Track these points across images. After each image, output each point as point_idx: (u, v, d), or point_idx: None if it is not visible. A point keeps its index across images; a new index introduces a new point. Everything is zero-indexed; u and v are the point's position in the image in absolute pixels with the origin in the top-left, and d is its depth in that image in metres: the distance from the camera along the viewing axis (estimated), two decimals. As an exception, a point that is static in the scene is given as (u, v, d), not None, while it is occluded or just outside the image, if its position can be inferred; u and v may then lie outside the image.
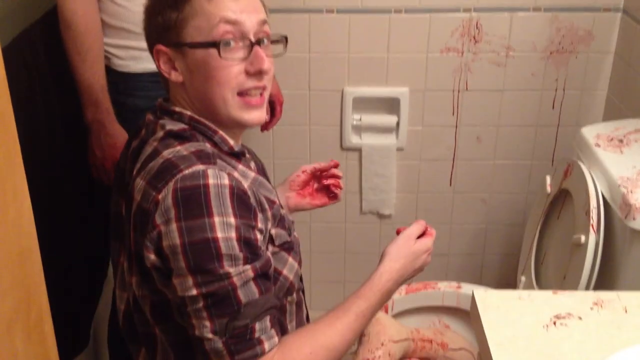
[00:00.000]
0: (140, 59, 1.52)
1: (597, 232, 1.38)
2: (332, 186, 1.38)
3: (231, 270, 0.94)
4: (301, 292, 1.19)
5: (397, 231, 1.19)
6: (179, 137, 1.03)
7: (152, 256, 0.98)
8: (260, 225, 1.00)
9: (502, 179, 2.08)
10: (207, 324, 0.95)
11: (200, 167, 0.97)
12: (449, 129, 2.02)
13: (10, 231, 0.69)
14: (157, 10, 1.05)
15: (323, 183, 1.39)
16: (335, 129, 2.02)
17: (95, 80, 1.50)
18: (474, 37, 1.91)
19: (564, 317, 0.98)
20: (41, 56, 1.51)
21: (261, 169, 1.21)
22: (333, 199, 1.40)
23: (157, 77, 1.53)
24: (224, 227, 0.94)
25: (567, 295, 1.02)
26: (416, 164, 2.07)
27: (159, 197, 0.96)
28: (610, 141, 1.51)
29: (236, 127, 1.08)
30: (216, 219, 0.94)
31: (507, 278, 2.17)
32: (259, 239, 0.99)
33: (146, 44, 1.10)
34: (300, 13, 1.89)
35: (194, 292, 0.95)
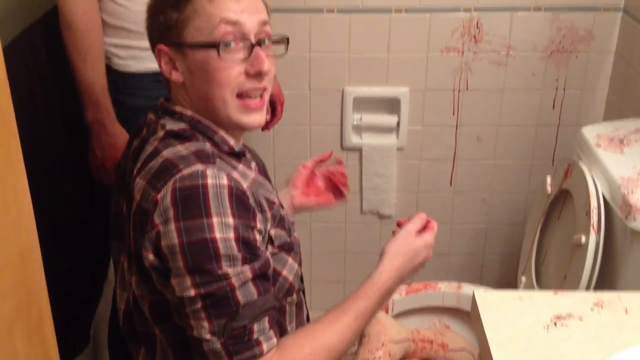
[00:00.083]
0: (140, 58, 1.52)
1: (598, 233, 1.38)
2: (339, 183, 1.37)
3: (229, 270, 0.94)
4: (301, 293, 1.18)
5: (398, 224, 1.17)
6: (179, 136, 1.03)
7: (151, 256, 0.98)
8: (259, 226, 1.00)
9: (503, 179, 2.08)
10: (205, 324, 0.95)
11: (199, 167, 0.97)
12: (449, 128, 2.02)
13: (11, 231, 0.69)
14: (159, 10, 1.05)
15: (330, 178, 1.38)
16: (335, 129, 2.02)
17: (95, 80, 1.50)
18: (474, 37, 1.91)
19: (565, 318, 0.98)
20: (42, 56, 1.51)
21: (262, 169, 1.21)
22: (340, 198, 1.39)
23: (157, 77, 1.53)
24: (222, 228, 0.94)
25: (568, 296, 1.02)
26: (416, 163, 2.07)
27: (158, 196, 0.96)
28: (610, 141, 1.51)
29: (236, 128, 1.08)
30: (214, 219, 0.94)
31: (507, 278, 2.17)
32: (257, 239, 0.99)
33: (149, 43, 1.10)
34: (300, 13, 1.89)
35: (192, 292, 0.95)
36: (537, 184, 1.96)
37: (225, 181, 0.96)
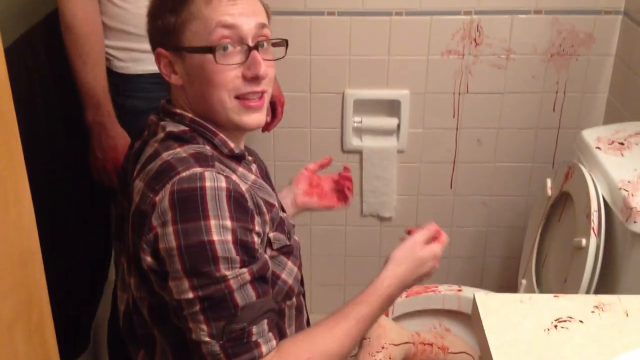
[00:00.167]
0: (140, 60, 1.53)
1: (598, 235, 1.38)
2: (346, 188, 1.38)
3: (227, 273, 0.94)
4: (302, 297, 1.18)
5: (408, 232, 1.17)
6: (179, 139, 1.03)
7: (149, 258, 0.98)
8: (257, 229, 0.99)
9: (503, 182, 2.08)
10: (203, 327, 0.95)
11: (197, 169, 0.97)
12: (450, 131, 2.02)
13: (12, 232, 0.69)
14: (157, 14, 1.06)
15: (336, 181, 1.38)
16: (336, 131, 2.02)
17: (96, 82, 1.50)
18: (474, 40, 1.91)
19: (565, 321, 0.97)
20: (42, 58, 1.52)
21: (264, 171, 1.21)
22: (342, 202, 1.39)
23: (157, 79, 1.53)
24: (220, 230, 0.94)
25: (568, 299, 1.02)
26: (417, 166, 2.07)
27: (156, 199, 0.96)
28: (611, 144, 1.51)
29: (236, 130, 1.08)
30: (212, 222, 0.94)
31: (507, 281, 2.17)
32: (256, 242, 0.99)
33: (150, 46, 1.10)
34: (301, 15, 1.89)
35: (190, 295, 0.95)
36: (537, 186, 1.96)
37: (223, 184, 0.96)
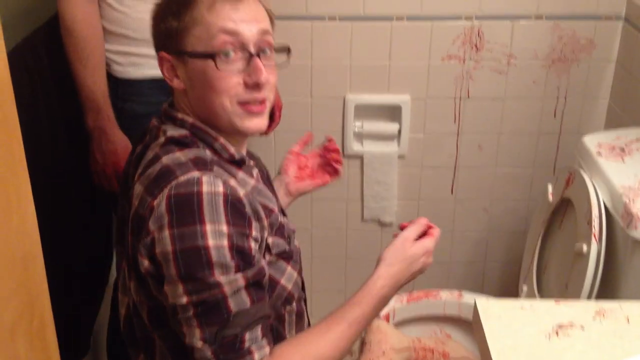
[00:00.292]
0: (139, 65, 1.53)
1: (599, 242, 1.38)
2: (333, 160, 1.37)
3: (222, 278, 0.94)
4: (302, 302, 1.17)
5: (401, 227, 1.15)
6: (180, 143, 1.04)
7: (146, 262, 0.98)
8: (255, 234, 0.99)
9: (504, 187, 2.08)
10: (197, 332, 0.95)
11: (195, 174, 0.97)
12: (451, 136, 2.02)
13: (14, 236, 0.69)
14: (161, 18, 1.06)
15: (325, 157, 1.38)
16: (337, 136, 2.02)
17: (96, 86, 1.50)
18: (475, 45, 1.91)
19: (566, 327, 0.97)
20: (44, 60, 1.52)
21: (265, 176, 1.21)
22: (334, 175, 1.38)
23: (156, 83, 1.53)
24: (215, 235, 0.94)
25: (569, 305, 1.02)
26: (417, 171, 2.07)
27: (154, 203, 0.96)
28: (612, 150, 1.51)
29: (237, 134, 1.08)
30: (208, 227, 0.94)
31: (508, 287, 2.17)
32: (253, 247, 0.98)
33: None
34: (302, 20, 1.89)
35: (184, 300, 0.95)
36: (538, 192, 1.96)
37: (220, 188, 0.96)
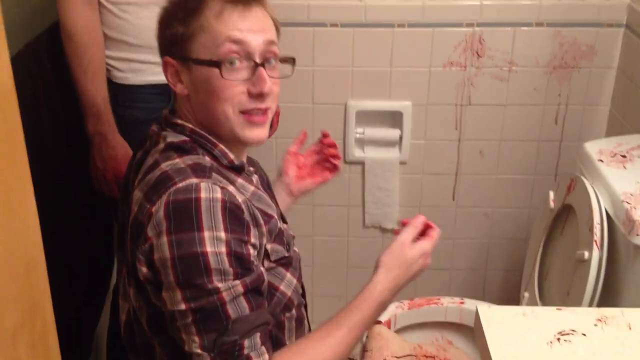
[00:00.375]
0: (140, 71, 1.53)
1: (601, 248, 1.38)
2: (331, 156, 1.37)
3: (220, 285, 0.94)
4: (303, 308, 1.17)
5: (403, 223, 1.15)
6: (179, 149, 1.04)
7: (145, 269, 0.98)
8: (253, 240, 0.99)
9: (505, 194, 2.08)
10: (196, 339, 0.95)
11: (193, 180, 0.97)
12: (452, 143, 2.02)
13: (17, 241, 0.69)
14: (167, 23, 1.06)
15: (323, 153, 1.38)
16: (338, 143, 2.01)
17: (97, 92, 1.50)
18: (476, 52, 1.91)
19: (568, 334, 0.97)
20: (46, 65, 1.52)
21: (265, 182, 1.21)
22: (333, 171, 1.38)
23: (157, 90, 1.53)
24: (213, 242, 0.94)
25: (571, 312, 1.02)
26: (419, 177, 2.07)
27: (152, 209, 0.96)
28: (613, 157, 1.51)
29: (238, 143, 1.08)
30: (206, 233, 0.94)
31: (509, 293, 2.16)
32: (251, 254, 0.98)
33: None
34: (304, 27, 1.90)
35: (182, 306, 0.95)
36: (539, 199, 1.96)
37: (219, 195, 0.96)
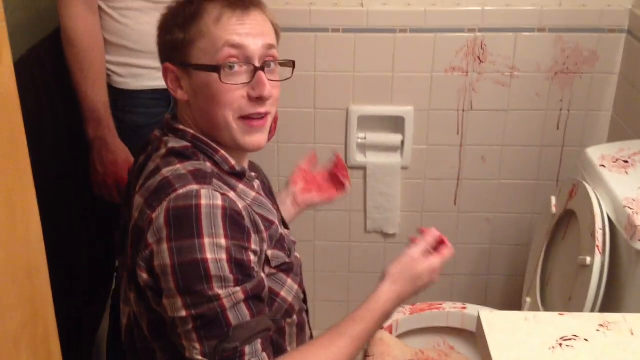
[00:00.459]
0: (140, 76, 1.53)
1: (603, 254, 1.37)
2: (341, 175, 1.39)
3: (221, 292, 0.94)
4: (304, 314, 1.17)
5: (421, 231, 1.17)
6: (180, 155, 1.04)
7: (145, 275, 0.98)
8: (254, 247, 0.99)
9: (507, 199, 2.08)
10: (196, 345, 0.95)
11: (194, 187, 0.97)
12: (454, 148, 2.03)
13: (19, 247, 0.69)
14: (167, 29, 1.07)
15: (331, 172, 1.39)
16: (340, 148, 2.03)
17: (97, 97, 1.50)
18: (478, 57, 1.92)
19: (570, 339, 0.97)
20: (48, 70, 1.52)
21: (267, 188, 1.21)
22: (340, 189, 1.39)
23: (157, 95, 1.53)
24: (214, 248, 0.94)
25: (573, 317, 1.02)
26: (421, 183, 2.07)
27: (153, 216, 0.96)
28: (615, 162, 1.51)
29: (238, 149, 1.08)
30: (206, 240, 0.93)
31: (511, 299, 2.16)
32: (252, 260, 0.98)
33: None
34: (306, 32, 1.90)
35: (183, 313, 0.94)
36: (541, 204, 1.95)
37: (219, 201, 0.96)
